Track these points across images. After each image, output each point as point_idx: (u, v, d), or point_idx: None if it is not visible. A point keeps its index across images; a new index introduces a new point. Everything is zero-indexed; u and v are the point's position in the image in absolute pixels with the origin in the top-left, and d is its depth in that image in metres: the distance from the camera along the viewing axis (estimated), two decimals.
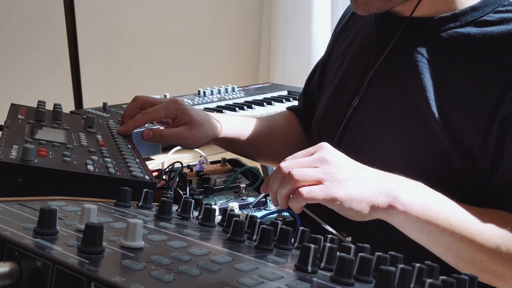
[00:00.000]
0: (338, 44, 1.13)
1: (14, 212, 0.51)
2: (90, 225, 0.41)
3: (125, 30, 2.48)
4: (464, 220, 0.79)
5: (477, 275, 0.79)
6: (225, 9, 2.77)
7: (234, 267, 0.43)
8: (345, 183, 0.74)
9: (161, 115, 1.02)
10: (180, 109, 1.03)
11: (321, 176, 0.73)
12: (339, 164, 0.75)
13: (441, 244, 0.79)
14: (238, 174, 1.00)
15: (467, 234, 0.78)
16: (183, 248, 0.46)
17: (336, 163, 0.75)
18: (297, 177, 0.73)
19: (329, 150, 0.77)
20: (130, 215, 0.58)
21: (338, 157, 0.77)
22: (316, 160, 0.75)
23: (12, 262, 0.41)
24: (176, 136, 1.03)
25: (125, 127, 1.00)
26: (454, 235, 0.78)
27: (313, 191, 0.72)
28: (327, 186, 0.73)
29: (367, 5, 0.90)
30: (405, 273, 0.41)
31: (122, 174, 0.77)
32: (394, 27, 0.94)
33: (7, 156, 0.70)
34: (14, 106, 1.01)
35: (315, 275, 0.44)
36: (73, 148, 0.83)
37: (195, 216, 0.64)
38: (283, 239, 0.53)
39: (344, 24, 1.14)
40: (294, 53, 2.62)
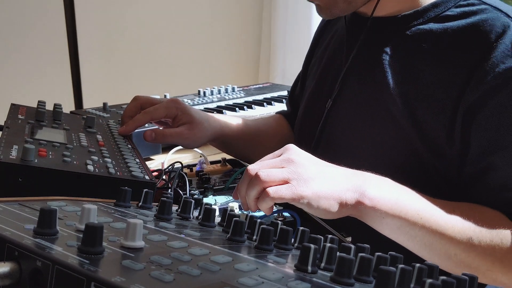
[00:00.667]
0: (316, 49, 1.15)
1: (14, 212, 0.51)
2: (90, 225, 0.41)
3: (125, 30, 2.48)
4: (434, 213, 0.79)
5: (453, 269, 0.79)
6: (225, 9, 2.77)
7: (234, 267, 0.43)
8: (311, 181, 0.74)
9: (161, 114, 1.02)
10: (180, 109, 1.03)
11: (287, 176, 0.74)
12: (305, 163, 0.76)
13: (413, 238, 0.79)
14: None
15: (438, 227, 0.78)
16: (183, 248, 0.46)
17: (302, 163, 0.76)
18: (264, 178, 0.73)
19: (295, 151, 0.78)
20: (130, 215, 0.58)
21: (304, 157, 0.77)
22: (283, 161, 0.76)
23: (12, 262, 0.41)
24: (178, 135, 1.03)
25: (126, 127, 1.00)
26: (425, 228, 0.78)
27: (280, 190, 0.73)
28: (294, 185, 0.74)
29: (330, 9, 0.92)
30: (405, 273, 0.41)
31: (122, 174, 0.77)
32: (361, 28, 0.96)
33: (7, 156, 0.70)
34: (14, 106, 1.01)
35: (315, 275, 0.44)
36: (73, 148, 0.83)
37: (195, 216, 0.64)
38: (283, 239, 0.53)
39: (322, 29, 1.16)
40: (294, 53, 2.61)
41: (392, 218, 0.77)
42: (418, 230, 0.78)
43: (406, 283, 0.41)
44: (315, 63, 1.12)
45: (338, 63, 1.02)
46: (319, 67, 1.08)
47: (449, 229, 0.78)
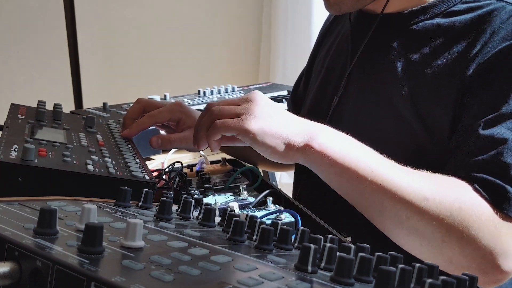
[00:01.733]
0: (320, 49, 1.15)
1: (14, 212, 0.51)
2: (90, 225, 0.41)
3: (125, 30, 2.48)
4: (389, 171, 0.76)
5: (405, 239, 0.75)
6: (225, 9, 2.77)
7: (234, 267, 0.43)
8: (261, 119, 0.76)
9: (165, 118, 1.02)
10: (184, 112, 1.03)
11: (239, 111, 0.76)
12: (261, 103, 0.77)
13: (362, 194, 0.76)
14: (238, 174, 1.00)
15: (390, 184, 0.74)
16: (183, 248, 0.46)
17: (259, 102, 0.77)
18: (216, 112, 0.76)
19: (258, 93, 0.79)
20: (130, 215, 0.58)
21: (264, 100, 0.78)
22: (241, 100, 0.78)
23: (12, 262, 0.41)
24: (184, 140, 1.03)
25: (129, 130, 1.00)
26: (375, 184, 0.74)
27: (227, 122, 0.75)
28: (242, 119, 0.75)
29: (339, 5, 0.92)
30: (405, 273, 0.41)
31: (122, 174, 0.77)
32: (368, 25, 0.97)
33: (7, 156, 0.70)
34: (14, 106, 1.01)
35: (315, 275, 0.44)
36: (73, 148, 0.83)
37: (195, 216, 0.64)
38: (283, 239, 0.53)
39: (326, 29, 1.16)
40: (294, 53, 2.61)
41: (340, 168, 0.75)
42: (368, 185, 0.74)
43: (406, 283, 0.41)
44: (319, 63, 1.12)
45: (342, 61, 1.02)
46: (323, 67, 1.09)
47: (403, 187, 0.74)
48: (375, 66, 0.95)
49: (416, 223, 0.74)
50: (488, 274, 0.73)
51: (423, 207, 0.74)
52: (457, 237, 0.73)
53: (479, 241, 0.73)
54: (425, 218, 0.74)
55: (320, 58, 1.12)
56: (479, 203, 0.75)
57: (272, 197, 0.88)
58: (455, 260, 0.74)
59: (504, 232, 0.75)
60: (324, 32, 1.17)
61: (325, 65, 1.08)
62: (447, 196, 0.75)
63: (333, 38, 1.10)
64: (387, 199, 0.75)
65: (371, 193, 0.75)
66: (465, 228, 0.73)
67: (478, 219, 0.74)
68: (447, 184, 0.77)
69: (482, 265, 0.73)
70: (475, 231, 0.73)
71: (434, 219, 0.74)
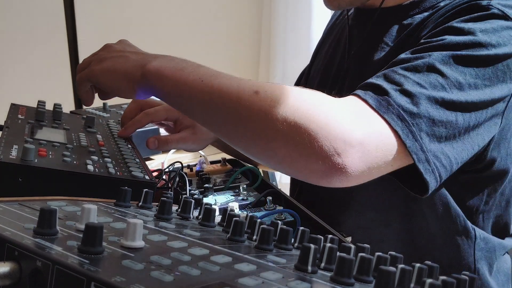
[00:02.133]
0: (322, 46, 1.15)
1: (14, 212, 0.51)
2: (90, 225, 0.41)
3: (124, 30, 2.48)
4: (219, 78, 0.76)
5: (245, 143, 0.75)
6: (225, 9, 2.77)
7: (234, 267, 0.43)
8: (105, 61, 0.83)
9: (161, 116, 1.02)
10: None
11: (90, 59, 0.86)
12: (113, 46, 0.86)
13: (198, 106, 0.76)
14: (238, 174, 1.00)
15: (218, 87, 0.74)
16: (183, 248, 0.46)
17: (107, 47, 0.87)
18: (78, 67, 0.87)
19: (122, 40, 0.89)
20: (130, 215, 0.58)
21: (120, 43, 0.88)
22: (101, 48, 0.88)
23: (12, 262, 0.41)
24: (181, 141, 1.03)
25: (125, 129, 1.00)
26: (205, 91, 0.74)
27: (80, 74, 0.86)
28: (90, 66, 0.85)
29: (337, 0, 0.92)
30: (405, 273, 0.41)
31: (122, 174, 0.77)
32: (364, 21, 0.97)
33: (7, 156, 0.70)
34: (14, 106, 1.01)
35: (315, 275, 0.44)
36: (73, 148, 0.83)
37: (195, 216, 0.64)
38: (283, 239, 0.53)
39: (330, 27, 1.17)
40: (294, 53, 2.61)
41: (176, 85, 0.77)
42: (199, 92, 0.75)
43: (406, 283, 0.41)
44: (320, 60, 1.12)
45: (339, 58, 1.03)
46: (323, 64, 1.09)
47: (233, 86, 0.74)
48: (368, 61, 0.95)
49: (248, 119, 0.72)
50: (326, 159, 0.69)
51: (252, 101, 0.72)
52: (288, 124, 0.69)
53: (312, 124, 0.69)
54: (255, 111, 0.71)
55: (321, 55, 1.13)
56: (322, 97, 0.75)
57: (272, 197, 0.88)
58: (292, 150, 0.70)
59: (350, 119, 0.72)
60: (327, 30, 1.17)
61: (325, 62, 1.08)
62: (281, 89, 0.73)
63: (333, 35, 1.11)
64: (219, 103, 0.74)
65: (204, 103, 0.75)
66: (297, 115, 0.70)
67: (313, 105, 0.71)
68: None
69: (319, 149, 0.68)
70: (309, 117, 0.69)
71: (263, 112, 0.71)
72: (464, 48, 0.78)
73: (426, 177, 0.75)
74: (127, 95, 0.85)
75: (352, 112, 0.74)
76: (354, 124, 0.71)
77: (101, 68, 0.83)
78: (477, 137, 0.80)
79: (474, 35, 0.79)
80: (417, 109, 0.74)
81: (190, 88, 0.76)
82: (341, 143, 0.68)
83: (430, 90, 0.76)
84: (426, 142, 0.75)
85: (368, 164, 0.71)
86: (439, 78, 0.77)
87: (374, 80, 0.78)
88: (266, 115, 0.70)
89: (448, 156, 0.77)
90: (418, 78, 0.76)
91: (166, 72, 0.78)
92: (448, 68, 0.77)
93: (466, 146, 0.79)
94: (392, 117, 0.73)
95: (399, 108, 0.74)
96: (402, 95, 0.75)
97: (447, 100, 0.76)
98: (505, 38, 0.80)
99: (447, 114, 0.76)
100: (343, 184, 0.72)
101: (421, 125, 0.74)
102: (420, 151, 0.74)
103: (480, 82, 0.78)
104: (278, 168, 0.77)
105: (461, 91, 0.77)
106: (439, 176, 0.76)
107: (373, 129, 0.72)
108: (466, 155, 0.80)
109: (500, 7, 0.82)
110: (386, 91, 0.75)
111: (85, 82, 0.86)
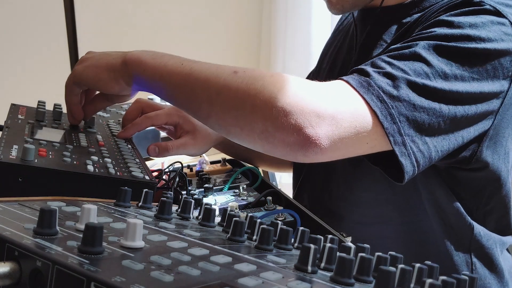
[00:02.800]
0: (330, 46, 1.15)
1: (14, 212, 0.51)
2: (90, 225, 0.41)
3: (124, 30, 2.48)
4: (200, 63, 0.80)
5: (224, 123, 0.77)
6: (225, 9, 2.77)
7: (234, 267, 0.43)
8: (87, 60, 0.89)
9: (162, 121, 1.02)
10: (182, 116, 1.03)
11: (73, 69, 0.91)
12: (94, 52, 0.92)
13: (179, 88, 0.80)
14: (238, 174, 1.00)
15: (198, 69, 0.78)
16: (183, 248, 0.46)
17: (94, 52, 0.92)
18: None
19: None
20: (130, 215, 0.58)
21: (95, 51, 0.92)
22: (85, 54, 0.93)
23: (12, 262, 0.41)
24: (182, 148, 1.03)
25: (125, 131, 0.99)
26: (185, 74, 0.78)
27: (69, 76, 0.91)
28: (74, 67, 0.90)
29: (341, 3, 0.93)
30: (405, 273, 0.41)
31: (122, 174, 0.77)
32: (368, 20, 0.97)
33: (7, 156, 0.70)
34: (14, 106, 1.01)
35: (315, 275, 0.44)
36: (73, 148, 0.83)
37: (195, 216, 0.64)
38: (283, 239, 0.53)
39: (337, 28, 1.16)
40: (294, 53, 2.61)
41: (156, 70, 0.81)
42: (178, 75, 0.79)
43: (406, 283, 0.41)
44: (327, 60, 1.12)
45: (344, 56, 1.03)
46: (328, 63, 1.09)
47: (212, 68, 0.78)
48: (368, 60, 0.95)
49: (227, 95, 0.75)
50: (301, 132, 0.71)
51: (230, 79, 0.75)
52: (265, 99, 0.72)
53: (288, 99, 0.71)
54: (233, 88, 0.75)
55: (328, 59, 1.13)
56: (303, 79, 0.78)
57: (272, 197, 0.88)
58: (269, 124, 0.72)
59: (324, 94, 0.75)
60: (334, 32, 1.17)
61: (330, 62, 1.09)
62: (260, 71, 0.76)
63: (339, 38, 1.11)
64: (198, 83, 0.78)
65: (185, 84, 0.79)
66: (274, 90, 0.72)
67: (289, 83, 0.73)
68: None
69: (294, 122, 0.71)
70: (285, 93, 0.72)
71: (241, 88, 0.74)
72: (452, 40, 0.79)
73: (402, 160, 0.75)
74: (111, 87, 0.88)
75: (331, 90, 0.76)
76: (329, 100, 0.73)
77: (83, 66, 0.89)
78: (464, 130, 0.81)
79: (463, 28, 0.79)
80: (397, 92, 0.75)
81: (170, 71, 0.80)
82: (314, 116, 0.71)
83: (413, 76, 0.77)
84: (405, 126, 0.76)
85: (340, 137, 0.73)
86: (424, 66, 0.77)
87: (361, 66, 0.80)
88: (243, 91, 0.74)
89: (427, 142, 0.77)
90: (402, 64, 0.77)
91: (147, 58, 0.83)
92: (434, 57, 0.78)
93: (449, 137, 0.79)
94: (371, 97, 0.75)
95: (379, 90, 0.75)
96: (384, 77, 0.76)
97: (430, 88, 0.77)
98: (496, 33, 0.80)
99: (429, 101, 0.77)
100: (318, 157, 0.73)
101: (401, 109, 0.75)
102: (397, 134, 0.75)
103: (467, 74, 0.78)
104: (257, 145, 0.77)
105: (446, 81, 0.77)
106: (415, 161, 0.76)
107: (347, 106, 0.74)
108: (448, 145, 0.80)
109: (493, 3, 0.82)
110: (368, 74, 0.77)
111: (71, 86, 0.91)
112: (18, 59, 2.23)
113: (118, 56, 0.86)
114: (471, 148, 0.84)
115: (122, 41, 2.47)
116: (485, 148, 0.86)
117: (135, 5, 2.51)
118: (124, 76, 0.85)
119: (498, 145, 0.87)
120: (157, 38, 2.56)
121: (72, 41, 1.86)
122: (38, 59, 2.26)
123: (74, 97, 0.93)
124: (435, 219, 0.91)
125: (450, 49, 0.78)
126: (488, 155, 0.87)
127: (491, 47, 0.79)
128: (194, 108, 0.80)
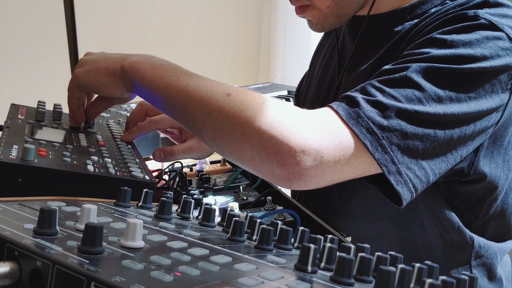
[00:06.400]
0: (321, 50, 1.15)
1: (14, 212, 0.51)
2: (90, 225, 0.41)
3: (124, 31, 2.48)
4: (196, 77, 0.80)
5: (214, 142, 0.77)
6: (225, 9, 2.77)
7: (234, 267, 0.43)
8: (87, 64, 0.90)
9: (166, 125, 1.02)
10: None
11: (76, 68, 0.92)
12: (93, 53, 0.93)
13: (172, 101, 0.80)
14: (238, 174, 1.00)
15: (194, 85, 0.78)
16: (183, 248, 0.46)
17: (93, 53, 0.93)
18: None
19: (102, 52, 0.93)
20: (130, 215, 0.58)
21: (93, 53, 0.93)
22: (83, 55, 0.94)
23: (12, 262, 0.41)
24: (188, 151, 1.02)
25: (129, 134, 0.99)
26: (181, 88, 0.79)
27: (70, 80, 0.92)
28: (74, 71, 0.92)
29: (321, 24, 0.93)
30: (405, 273, 0.41)
31: (122, 174, 0.77)
32: (355, 28, 0.96)
33: (7, 156, 0.70)
34: (14, 106, 1.01)
35: (315, 275, 0.44)
36: (73, 148, 0.83)
37: (195, 216, 0.64)
38: (283, 239, 0.53)
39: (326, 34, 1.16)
40: (294, 53, 2.62)
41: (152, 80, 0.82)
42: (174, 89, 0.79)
43: (406, 283, 0.41)
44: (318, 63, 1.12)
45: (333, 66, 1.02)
46: (320, 68, 1.09)
47: (207, 85, 0.78)
48: (358, 70, 0.93)
49: (217, 118, 0.75)
50: (286, 166, 0.71)
51: (222, 102, 0.75)
52: (253, 128, 0.72)
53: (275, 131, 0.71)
54: (224, 112, 0.74)
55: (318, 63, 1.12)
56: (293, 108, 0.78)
57: (272, 197, 0.88)
58: (247, 153, 0.73)
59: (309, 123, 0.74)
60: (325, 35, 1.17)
61: (322, 67, 1.08)
62: (254, 95, 0.76)
63: (331, 40, 1.10)
64: (191, 100, 0.78)
65: (179, 99, 0.79)
66: (263, 121, 0.72)
67: (279, 114, 0.73)
68: None
69: (279, 156, 0.71)
70: (273, 124, 0.72)
71: (232, 114, 0.74)
72: (445, 62, 0.76)
73: (398, 189, 0.75)
74: (113, 91, 0.89)
75: (319, 122, 0.75)
76: (316, 134, 0.73)
77: (83, 70, 0.90)
78: (463, 149, 0.79)
79: (456, 47, 0.77)
80: (387, 122, 0.74)
81: (166, 84, 0.80)
82: (300, 152, 0.71)
83: (405, 103, 0.75)
84: (398, 155, 0.74)
85: (325, 169, 0.73)
86: (415, 91, 0.76)
87: (351, 92, 0.78)
88: (234, 117, 0.73)
89: (423, 167, 0.76)
90: (393, 91, 0.76)
91: (145, 67, 0.83)
92: (426, 81, 0.76)
93: (447, 158, 0.78)
94: (360, 129, 0.74)
95: (369, 121, 0.74)
96: (374, 107, 0.75)
97: (423, 114, 0.75)
98: (492, 49, 0.77)
99: (423, 128, 0.75)
100: (303, 187, 0.74)
101: (392, 138, 0.74)
102: (390, 163, 0.74)
103: (462, 95, 0.76)
104: (246, 168, 0.79)
105: (440, 104, 0.76)
106: (413, 187, 0.76)
107: (334, 140, 0.73)
108: (446, 166, 0.79)
109: (488, 16, 0.79)
110: (358, 103, 0.75)
111: (73, 90, 0.92)
112: (18, 59, 2.23)
113: (117, 60, 0.87)
114: (468, 159, 0.83)
115: (122, 41, 2.47)
116: (482, 157, 0.84)
117: (135, 6, 2.51)
118: (125, 82, 0.87)
119: (496, 153, 0.86)
120: (157, 38, 2.56)
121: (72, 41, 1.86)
122: (38, 59, 2.26)
123: (76, 101, 0.93)
124: (434, 234, 0.89)
125: (444, 71, 0.76)
126: (485, 164, 0.85)
127: (487, 65, 0.77)
128: (188, 124, 0.81)
